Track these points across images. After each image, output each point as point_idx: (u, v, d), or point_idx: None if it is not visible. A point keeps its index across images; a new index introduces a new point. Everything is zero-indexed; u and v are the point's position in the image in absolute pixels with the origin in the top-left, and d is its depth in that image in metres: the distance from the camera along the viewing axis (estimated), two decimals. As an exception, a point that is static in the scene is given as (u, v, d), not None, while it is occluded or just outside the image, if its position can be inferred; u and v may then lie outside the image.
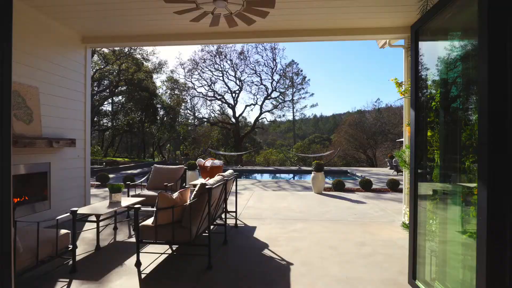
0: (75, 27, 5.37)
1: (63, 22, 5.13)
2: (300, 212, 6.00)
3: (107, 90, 22.87)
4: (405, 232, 4.36)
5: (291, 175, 19.10)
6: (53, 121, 4.95)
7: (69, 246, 3.13)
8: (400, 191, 8.72)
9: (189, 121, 32.76)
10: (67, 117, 5.29)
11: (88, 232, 4.47)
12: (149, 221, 3.37)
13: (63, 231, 3.07)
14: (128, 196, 5.50)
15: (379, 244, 4.07)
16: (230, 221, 5.19)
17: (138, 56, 22.10)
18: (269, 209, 6.28)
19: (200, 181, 5.58)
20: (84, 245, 3.94)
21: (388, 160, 20.94)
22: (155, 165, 6.20)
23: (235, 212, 5.14)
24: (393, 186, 8.82)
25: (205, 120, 31.28)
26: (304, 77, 30.55)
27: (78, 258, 3.48)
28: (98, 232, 3.84)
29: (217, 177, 3.93)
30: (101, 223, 4.67)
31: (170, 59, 47.33)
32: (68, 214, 3.43)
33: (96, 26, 5.33)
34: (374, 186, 9.16)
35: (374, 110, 37.93)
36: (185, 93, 30.01)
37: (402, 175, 15.79)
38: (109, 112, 30.92)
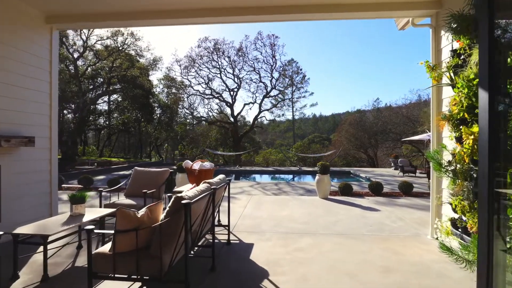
0: (37, 4, 4.48)
1: (19, -4, 4.24)
2: (305, 223, 5.12)
3: (101, 88, 21.96)
4: (442, 254, 3.48)
5: (292, 176, 18.23)
6: (4, 115, 4.05)
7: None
8: (415, 195, 7.86)
9: (187, 120, 31.87)
10: (25, 111, 4.38)
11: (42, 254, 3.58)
12: (106, 247, 2.49)
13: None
14: (101, 206, 4.61)
15: (409, 270, 3.19)
16: (222, 236, 4.31)
17: (132, 52, 21.22)
18: (269, 219, 5.40)
19: (186, 187, 4.70)
20: (29, 274, 3.04)
21: (392, 160, 20.10)
22: (136, 167, 5.30)
23: (228, 225, 4.25)
24: (407, 189, 7.95)
25: (203, 119, 30.38)
26: (304, 76, 29.69)
27: (13, 295, 2.59)
28: (45, 258, 2.94)
29: (202, 186, 3.05)
30: (61, 241, 3.78)
31: (166, 56, 45.99)
32: (15, 234, 2.56)
33: (62, 2, 4.44)
34: (384, 189, 8.29)
35: (374, 109, 37.20)
36: (181, 91, 29.12)
37: (409, 175, 14.95)
38: (104, 111, 30.04)
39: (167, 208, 2.44)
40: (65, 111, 21.62)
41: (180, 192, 3.30)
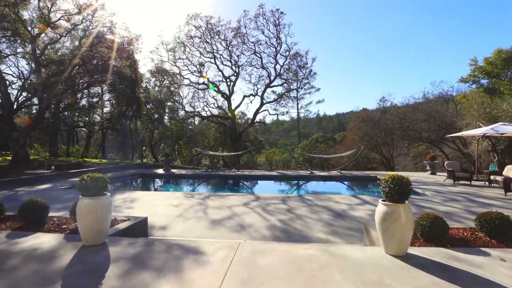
0: None
1: None
2: None
3: (70, 74, 18.03)
4: None
5: (302, 183, 14.15)
6: None
7: None
8: None
9: (180, 115, 27.83)
10: None
11: None
12: None
13: None
14: None
15: None
16: None
17: (105, 29, 17.22)
18: None
19: None
20: None
21: (428, 162, 15.93)
22: None
23: None
24: None
25: (196, 113, 26.27)
26: (310, 71, 25.45)
27: None
28: None
29: None
30: None
31: (149, 40, 40.86)
32: None
33: None
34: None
35: (380, 107, 33.04)
36: (175, 85, 25.05)
37: (460, 183, 10.59)
38: (85, 106, 26.20)
39: None
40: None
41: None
